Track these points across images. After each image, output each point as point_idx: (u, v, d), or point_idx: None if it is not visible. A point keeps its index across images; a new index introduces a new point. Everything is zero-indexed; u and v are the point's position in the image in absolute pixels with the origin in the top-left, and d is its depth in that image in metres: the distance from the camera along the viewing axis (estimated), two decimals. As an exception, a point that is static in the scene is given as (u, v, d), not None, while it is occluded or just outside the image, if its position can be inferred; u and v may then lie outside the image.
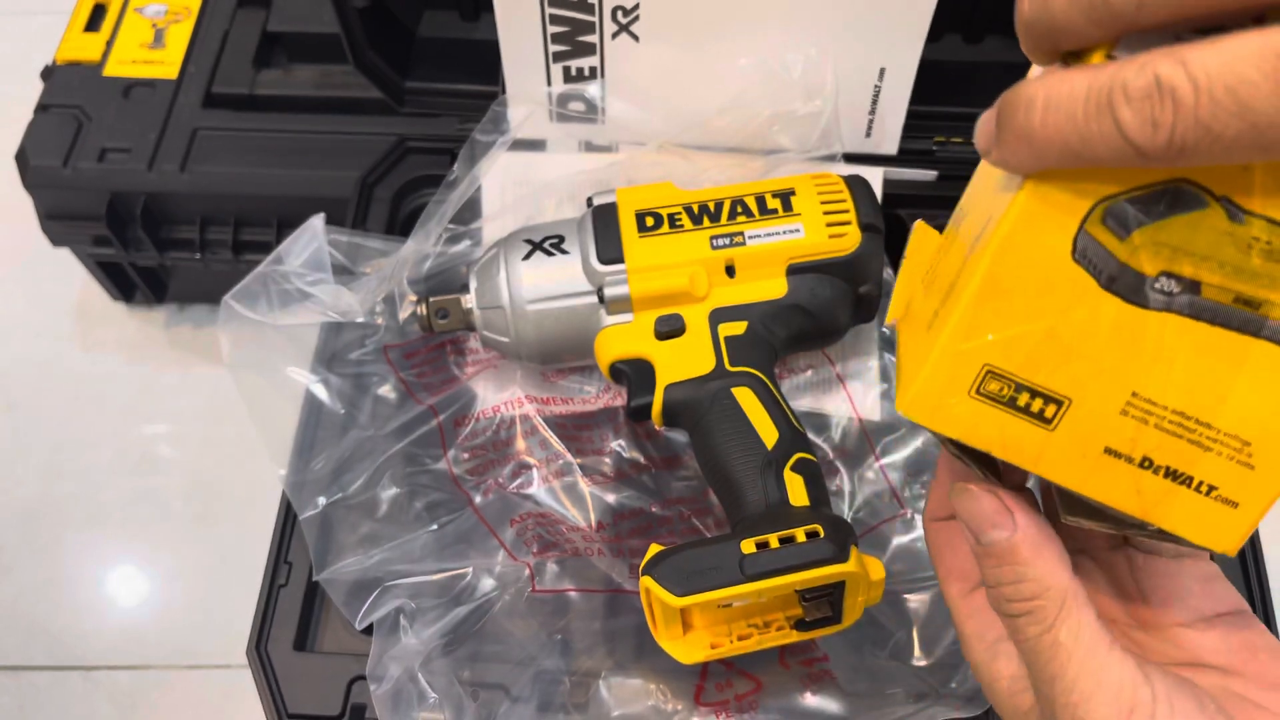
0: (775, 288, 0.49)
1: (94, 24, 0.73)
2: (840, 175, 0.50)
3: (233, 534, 0.69)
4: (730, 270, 0.48)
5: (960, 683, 0.46)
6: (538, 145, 0.60)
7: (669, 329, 0.48)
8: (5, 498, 0.71)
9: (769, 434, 0.44)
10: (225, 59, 0.71)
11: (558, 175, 0.56)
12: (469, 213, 0.56)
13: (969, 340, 0.27)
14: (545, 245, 0.50)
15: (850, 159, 0.57)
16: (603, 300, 0.48)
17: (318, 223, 0.53)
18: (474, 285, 0.50)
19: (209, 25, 0.72)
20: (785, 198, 0.49)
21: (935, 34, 0.57)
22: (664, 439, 0.53)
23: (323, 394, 0.53)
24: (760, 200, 0.49)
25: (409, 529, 0.50)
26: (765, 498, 0.43)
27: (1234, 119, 0.20)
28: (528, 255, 0.49)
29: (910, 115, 0.58)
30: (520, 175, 0.58)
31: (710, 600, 0.39)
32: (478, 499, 0.51)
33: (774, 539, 0.40)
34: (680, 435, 0.52)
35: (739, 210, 0.49)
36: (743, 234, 0.48)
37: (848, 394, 0.55)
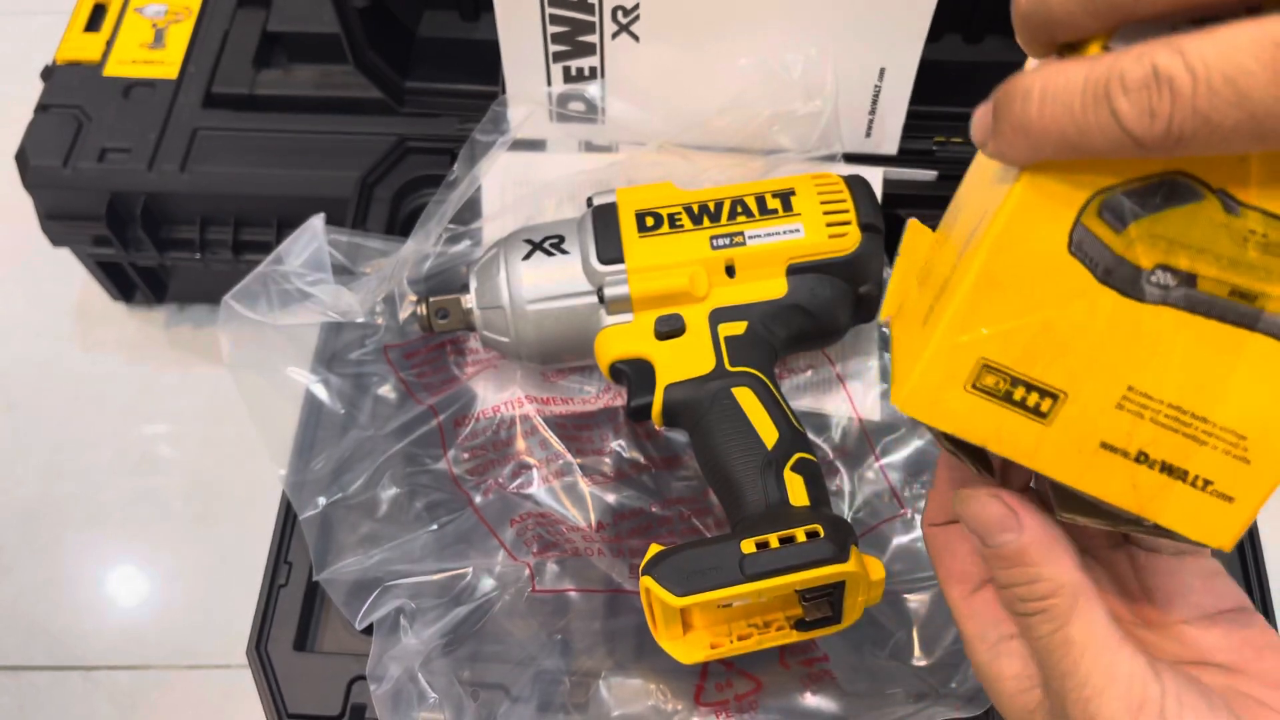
0: (775, 288, 0.49)
1: (94, 24, 0.73)
2: (840, 175, 0.50)
3: (233, 534, 0.69)
4: (730, 270, 0.48)
5: (960, 683, 0.46)
6: (538, 145, 0.60)
7: (669, 329, 0.48)
8: (5, 498, 0.71)
9: (769, 434, 0.44)
10: (225, 59, 0.71)
11: (558, 175, 0.56)
12: (469, 213, 0.56)
13: (965, 334, 0.27)
14: (545, 245, 0.50)
15: (850, 159, 0.57)
16: (603, 300, 0.48)
17: (318, 223, 0.53)
18: (474, 285, 0.50)
19: (209, 25, 0.72)
20: (785, 198, 0.49)
21: (935, 34, 0.57)
22: (664, 439, 0.53)
23: (323, 394, 0.53)
24: (760, 200, 0.49)
25: (409, 529, 0.50)
26: (765, 498, 0.43)
27: (1232, 108, 0.20)
28: (528, 255, 0.49)
29: (910, 115, 0.58)
30: (520, 175, 0.58)
31: (710, 600, 0.39)
32: (478, 499, 0.51)
33: (774, 539, 0.40)
34: (680, 435, 0.52)
35: (739, 210, 0.49)
36: (743, 234, 0.48)
37: (848, 394, 0.55)
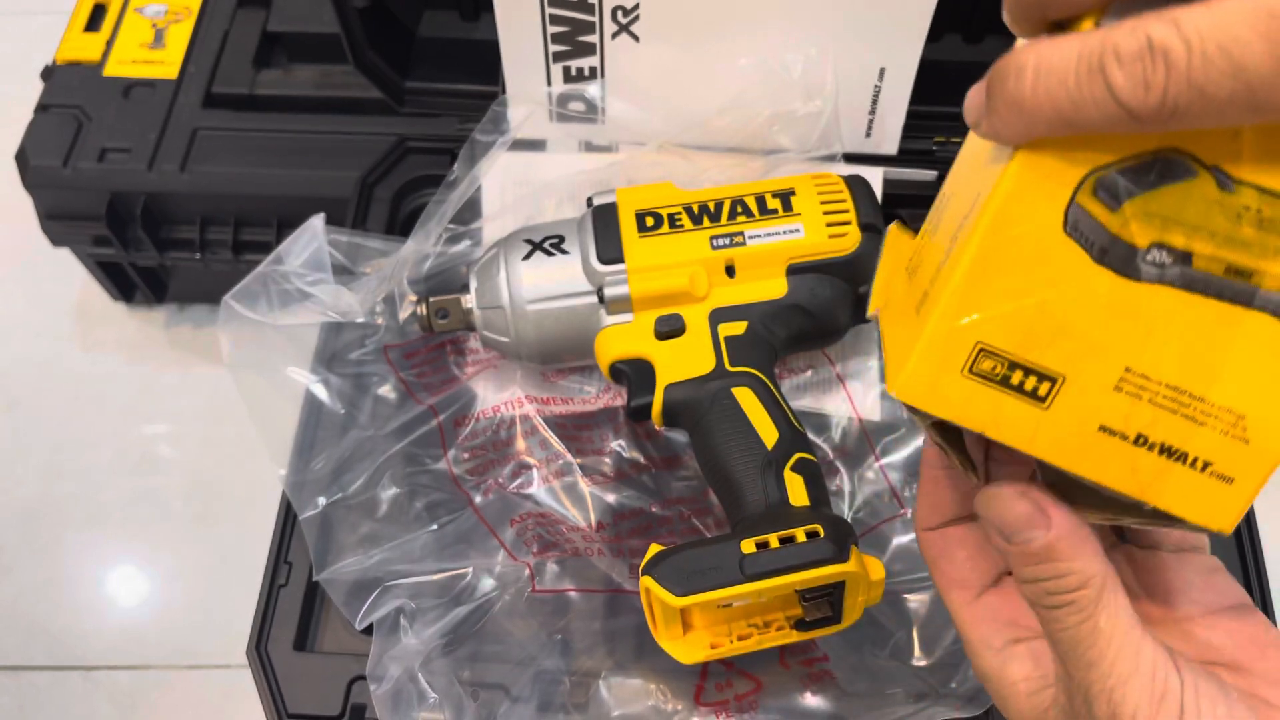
0: (775, 288, 0.49)
1: (94, 24, 0.73)
2: (840, 175, 0.50)
3: (233, 534, 0.69)
4: (730, 270, 0.48)
5: (960, 683, 0.46)
6: (538, 145, 0.60)
7: (669, 329, 0.48)
8: (5, 498, 0.71)
9: (769, 434, 0.44)
10: (225, 59, 0.71)
11: (558, 175, 0.56)
12: (469, 213, 0.56)
13: (961, 317, 0.27)
14: (545, 245, 0.50)
15: (850, 159, 0.57)
16: (603, 300, 0.48)
17: (318, 223, 0.53)
18: (474, 285, 0.50)
19: (209, 25, 0.72)
20: (785, 198, 0.49)
21: (935, 34, 0.57)
22: (664, 439, 0.53)
23: (323, 394, 0.53)
24: (760, 200, 0.49)
25: (409, 529, 0.50)
26: (765, 498, 0.43)
27: (1227, 79, 0.20)
28: (528, 255, 0.49)
29: (910, 115, 0.58)
30: (520, 175, 0.58)
31: (710, 600, 0.39)
32: (478, 499, 0.51)
33: (774, 539, 0.40)
34: (680, 435, 0.52)
35: (739, 210, 0.49)
36: (743, 234, 0.48)
37: (848, 394, 0.55)
